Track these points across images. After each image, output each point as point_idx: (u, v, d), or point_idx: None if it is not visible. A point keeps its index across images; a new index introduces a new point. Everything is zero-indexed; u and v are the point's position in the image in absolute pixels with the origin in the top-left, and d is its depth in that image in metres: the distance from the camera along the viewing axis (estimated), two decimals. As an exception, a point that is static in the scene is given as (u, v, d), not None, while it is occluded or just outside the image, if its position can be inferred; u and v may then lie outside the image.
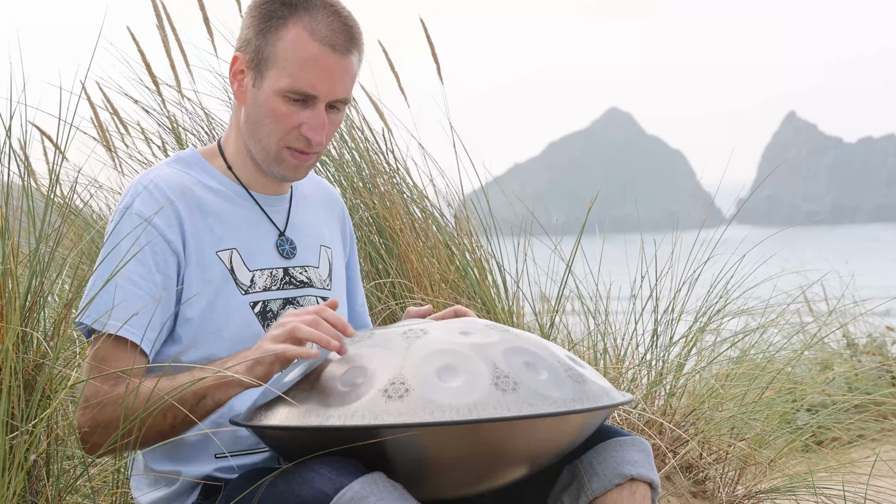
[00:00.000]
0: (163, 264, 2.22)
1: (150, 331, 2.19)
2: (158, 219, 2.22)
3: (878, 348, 6.33)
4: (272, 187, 2.37)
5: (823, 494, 3.68)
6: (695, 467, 3.76)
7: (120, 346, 2.18)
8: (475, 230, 3.99)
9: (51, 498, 2.26)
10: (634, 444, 2.20)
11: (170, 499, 2.27)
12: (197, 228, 2.26)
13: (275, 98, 2.25)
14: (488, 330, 2.12)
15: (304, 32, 2.23)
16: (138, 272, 2.20)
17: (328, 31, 2.24)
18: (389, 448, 1.99)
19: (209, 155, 2.37)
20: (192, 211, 2.26)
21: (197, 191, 2.29)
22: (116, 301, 2.18)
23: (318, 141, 2.26)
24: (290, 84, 2.24)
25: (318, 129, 2.26)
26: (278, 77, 2.24)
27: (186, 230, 2.25)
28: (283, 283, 2.33)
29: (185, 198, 2.26)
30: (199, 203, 2.28)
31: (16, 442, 2.15)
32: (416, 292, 3.75)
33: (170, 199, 2.24)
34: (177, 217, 2.24)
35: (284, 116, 2.25)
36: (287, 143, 2.27)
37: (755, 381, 3.93)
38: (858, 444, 4.79)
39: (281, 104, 2.25)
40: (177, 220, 2.24)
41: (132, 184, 2.29)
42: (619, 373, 3.84)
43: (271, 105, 2.25)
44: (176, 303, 2.23)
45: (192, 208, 2.27)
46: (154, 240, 2.21)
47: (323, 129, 2.26)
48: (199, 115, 3.95)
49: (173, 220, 2.24)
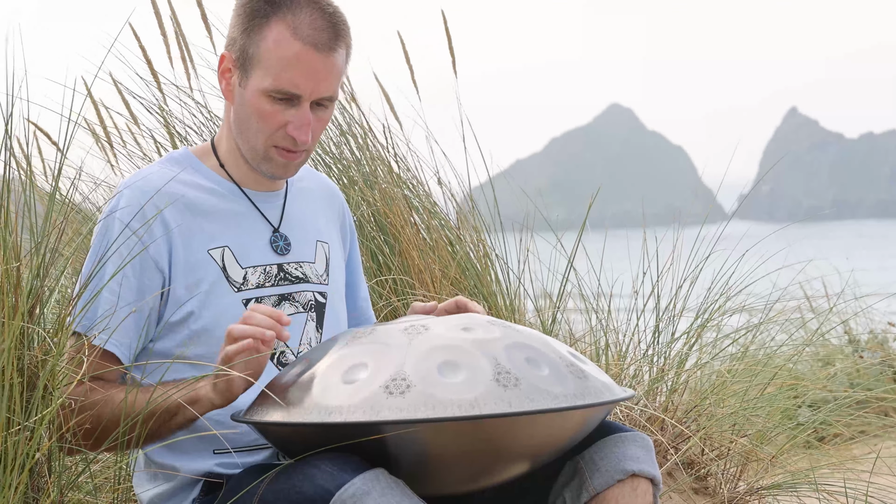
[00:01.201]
0: (139, 270, 2.23)
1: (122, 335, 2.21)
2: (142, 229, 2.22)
3: (879, 344, 6.33)
4: (266, 184, 2.37)
5: (825, 491, 3.68)
6: (696, 463, 3.76)
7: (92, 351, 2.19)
8: (478, 226, 3.98)
9: (53, 494, 2.26)
10: (636, 439, 2.20)
11: (171, 494, 2.27)
12: (186, 229, 2.26)
13: (260, 97, 2.25)
14: (490, 326, 2.11)
15: (286, 31, 2.22)
16: (116, 279, 2.21)
17: (311, 30, 2.23)
18: (391, 444, 1.99)
19: (202, 154, 2.37)
20: (181, 212, 2.27)
21: (186, 191, 2.29)
22: (100, 311, 2.20)
23: (304, 140, 2.26)
24: (273, 84, 2.23)
25: (303, 129, 2.25)
26: (262, 77, 2.24)
27: (173, 233, 2.25)
28: (277, 280, 2.33)
29: (172, 199, 2.26)
30: (188, 203, 2.28)
31: (17, 439, 2.14)
32: (418, 289, 3.75)
33: (154, 203, 2.24)
34: (162, 223, 2.24)
35: (270, 116, 2.25)
36: (274, 142, 2.27)
37: (757, 377, 3.93)
38: (860, 441, 4.79)
39: (266, 104, 2.25)
40: (162, 226, 2.24)
41: (120, 185, 2.30)
42: (620, 369, 3.84)
43: (256, 104, 2.25)
44: (163, 304, 2.24)
45: (181, 209, 2.27)
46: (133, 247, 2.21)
47: (308, 127, 2.26)
48: (200, 114, 3.95)
49: (157, 228, 2.24)
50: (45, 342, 2.19)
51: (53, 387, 2.16)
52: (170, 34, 3.82)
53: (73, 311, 2.20)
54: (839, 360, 5.85)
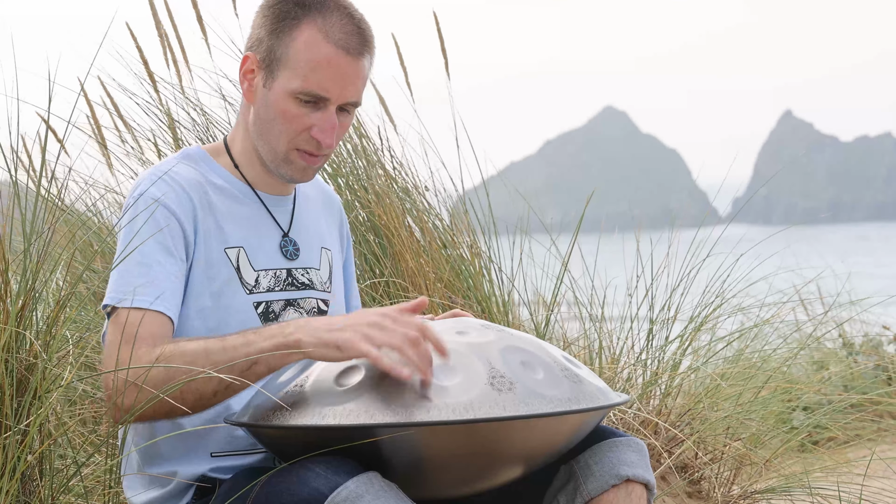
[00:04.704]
0: (181, 248, 2.21)
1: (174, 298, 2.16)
2: (176, 206, 2.22)
3: (874, 348, 6.34)
4: (278, 187, 2.37)
5: (819, 494, 3.68)
6: (690, 467, 3.75)
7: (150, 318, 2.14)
8: (471, 228, 3.98)
9: (44, 497, 2.26)
10: (630, 444, 2.20)
11: (164, 499, 2.26)
12: (208, 224, 2.26)
13: (286, 99, 2.24)
14: (484, 329, 2.11)
15: (317, 34, 2.22)
16: (160, 252, 2.18)
17: (342, 34, 2.23)
18: (385, 447, 1.98)
19: (214, 152, 2.37)
20: (203, 207, 2.26)
21: (207, 187, 2.29)
22: (142, 281, 2.15)
23: (328, 143, 2.26)
24: (301, 85, 2.23)
25: (328, 132, 2.25)
26: (290, 78, 2.23)
27: (199, 224, 2.24)
28: (285, 285, 2.33)
29: (197, 193, 2.26)
30: (209, 200, 2.28)
31: (8, 442, 2.14)
32: (411, 291, 3.74)
33: (186, 191, 2.24)
34: (192, 209, 2.24)
35: (295, 118, 2.25)
36: (296, 144, 2.27)
37: (751, 380, 3.93)
38: (854, 444, 4.79)
39: (292, 105, 2.24)
40: (192, 212, 2.24)
41: (145, 174, 2.28)
42: (614, 372, 3.83)
43: (282, 106, 2.25)
44: (187, 277, 2.22)
45: (204, 204, 2.27)
46: (171, 224, 2.20)
47: (333, 131, 2.26)
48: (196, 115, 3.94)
49: (189, 212, 2.23)
50: (34, 346, 2.18)
51: (44, 390, 2.15)
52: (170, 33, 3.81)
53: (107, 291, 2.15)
54: (834, 363, 5.85)
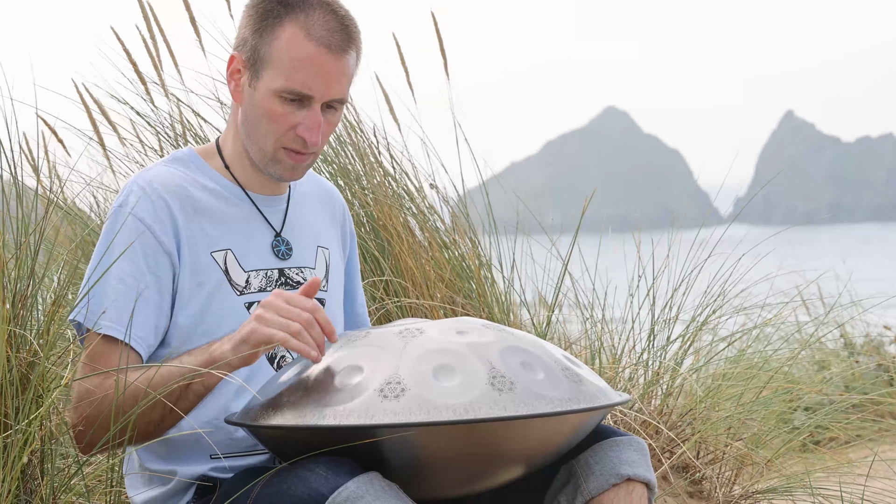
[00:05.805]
0: (154, 265, 2.21)
1: (140, 329, 2.18)
2: (152, 220, 2.21)
3: (875, 348, 6.34)
4: (270, 187, 2.36)
5: (820, 495, 3.68)
6: (691, 467, 3.75)
7: (110, 344, 2.17)
8: (472, 228, 3.98)
9: (45, 497, 2.26)
10: (631, 443, 2.19)
11: (164, 498, 2.26)
12: (191, 230, 2.25)
13: (271, 98, 2.24)
14: (484, 329, 2.11)
15: (299, 32, 2.22)
16: (129, 272, 2.19)
17: (324, 31, 2.22)
18: (385, 448, 1.98)
19: (206, 154, 2.36)
20: (186, 212, 2.26)
21: (192, 191, 2.28)
22: (108, 301, 2.17)
23: (314, 141, 2.25)
24: (285, 84, 2.22)
25: (313, 130, 2.25)
26: (274, 77, 2.23)
27: (181, 231, 2.24)
28: (278, 285, 2.32)
29: (179, 199, 2.25)
30: (194, 203, 2.27)
31: (9, 441, 2.14)
32: (411, 290, 3.74)
33: (164, 199, 2.23)
34: (171, 218, 2.23)
35: (280, 117, 2.24)
36: (283, 143, 2.27)
37: (752, 380, 3.93)
38: (856, 444, 4.78)
39: (277, 104, 2.24)
40: (171, 221, 2.23)
41: (128, 182, 2.28)
42: (615, 372, 3.83)
43: (267, 105, 2.25)
44: (172, 305, 2.22)
45: (187, 209, 2.26)
46: (146, 241, 2.20)
47: (318, 129, 2.25)
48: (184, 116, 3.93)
49: (167, 222, 2.23)
50: (33, 345, 2.18)
51: (44, 389, 2.15)
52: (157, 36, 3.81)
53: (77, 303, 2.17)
54: (835, 363, 5.85)
